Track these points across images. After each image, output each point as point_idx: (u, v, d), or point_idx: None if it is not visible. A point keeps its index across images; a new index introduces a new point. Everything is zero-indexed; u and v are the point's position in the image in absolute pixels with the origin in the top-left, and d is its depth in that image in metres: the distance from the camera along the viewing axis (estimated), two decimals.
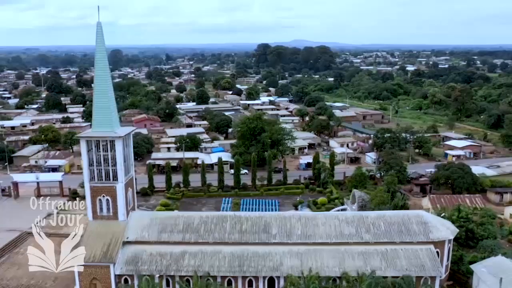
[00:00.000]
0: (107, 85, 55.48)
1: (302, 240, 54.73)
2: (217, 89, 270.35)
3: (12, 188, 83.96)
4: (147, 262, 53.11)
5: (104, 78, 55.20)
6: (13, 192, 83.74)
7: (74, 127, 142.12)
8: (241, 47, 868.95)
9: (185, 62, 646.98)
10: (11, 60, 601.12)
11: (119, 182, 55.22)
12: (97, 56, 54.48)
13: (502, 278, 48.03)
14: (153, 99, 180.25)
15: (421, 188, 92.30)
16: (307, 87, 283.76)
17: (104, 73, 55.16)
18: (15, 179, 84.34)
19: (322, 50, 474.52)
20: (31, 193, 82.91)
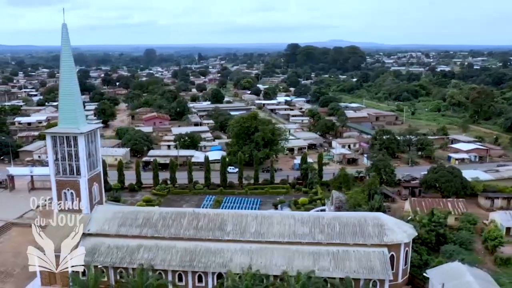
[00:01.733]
0: (73, 84, 57.94)
1: (255, 238, 55.51)
2: (238, 88, 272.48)
3: (8, 180, 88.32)
4: (104, 254, 55.22)
5: (70, 78, 57.75)
6: (9, 185, 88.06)
7: None
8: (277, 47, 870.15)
9: (217, 61, 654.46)
10: (50, 59, 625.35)
11: (82, 177, 57.67)
12: (63, 56, 57.14)
13: (444, 283, 47.29)
14: (168, 98, 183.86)
15: (410, 191, 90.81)
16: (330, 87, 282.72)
17: (69, 73, 57.70)
18: (10, 172, 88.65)
19: (351, 50, 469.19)
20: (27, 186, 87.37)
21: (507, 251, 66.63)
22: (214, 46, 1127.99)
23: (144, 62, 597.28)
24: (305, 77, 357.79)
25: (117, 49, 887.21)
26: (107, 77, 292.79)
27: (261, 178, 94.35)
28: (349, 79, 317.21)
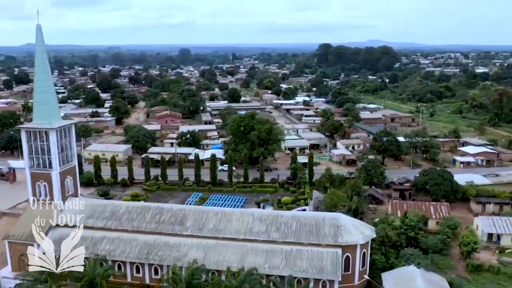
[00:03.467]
0: (47, 82, 60.46)
1: (212, 234, 56.65)
2: (260, 88, 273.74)
3: (10, 173, 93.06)
4: None
5: (44, 75, 60.22)
6: (10, 177, 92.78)
7: (100, 120, 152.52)
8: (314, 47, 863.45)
9: (250, 61, 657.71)
10: (88, 58, 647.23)
11: (54, 170, 60.33)
12: (37, 55, 59.75)
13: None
14: (185, 97, 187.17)
15: (401, 193, 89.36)
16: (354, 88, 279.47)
17: (43, 71, 60.17)
18: (11, 165, 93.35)
19: (384, 50, 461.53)
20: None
21: (484, 257, 64.99)
22: (252, 46, 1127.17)
23: (178, 61, 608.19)
24: (333, 77, 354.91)
25: (157, 49, 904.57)
26: (135, 76, 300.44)
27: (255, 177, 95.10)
28: (375, 80, 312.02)
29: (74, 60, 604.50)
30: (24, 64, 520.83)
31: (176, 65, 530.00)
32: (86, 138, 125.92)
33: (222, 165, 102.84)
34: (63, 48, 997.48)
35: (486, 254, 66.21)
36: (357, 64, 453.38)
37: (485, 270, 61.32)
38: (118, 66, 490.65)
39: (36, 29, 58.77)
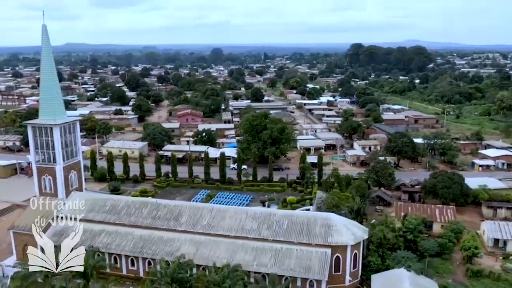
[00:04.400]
0: (52, 81, 63.05)
1: (205, 230, 57.65)
2: (286, 88, 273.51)
3: (29, 167, 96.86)
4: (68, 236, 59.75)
5: (49, 74, 62.83)
6: (29, 171, 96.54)
7: (122, 118, 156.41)
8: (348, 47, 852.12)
9: (283, 61, 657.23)
10: (123, 57, 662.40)
11: (58, 164, 62.82)
12: (43, 54, 62.38)
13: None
14: (208, 96, 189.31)
15: (410, 195, 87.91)
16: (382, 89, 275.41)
17: (49, 70, 62.79)
18: (30, 160, 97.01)
19: (416, 50, 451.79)
20: None
21: (487, 263, 63.30)
22: (287, 45, 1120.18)
23: (210, 61, 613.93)
24: (362, 77, 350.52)
25: (192, 48, 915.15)
26: (163, 75, 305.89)
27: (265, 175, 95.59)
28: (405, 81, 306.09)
29: (109, 59, 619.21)
30: (61, 63, 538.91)
31: (208, 64, 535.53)
32: (106, 135, 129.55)
33: (234, 164, 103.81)
34: (101, 47, 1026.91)
35: (489, 259, 64.48)
36: (389, 64, 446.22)
37: (485, 276, 59.62)
38: (150, 65, 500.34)
39: (41, 30, 61.11)
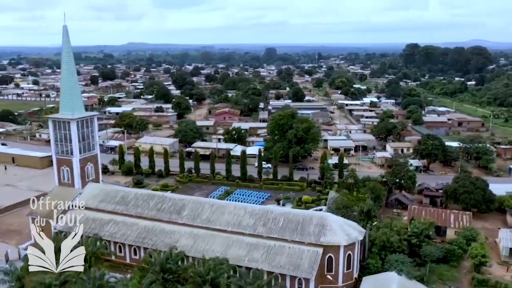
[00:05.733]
0: (71, 78, 67.22)
1: (204, 224, 59.38)
2: (332, 88, 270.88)
3: None
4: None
5: (69, 72, 66.97)
6: None
7: (162, 115, 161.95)
8: None
9: (337, 61, 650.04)
10: (179, 56, 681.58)
11: (74, 157, 66.92)
12: (63, 54, 66.55)
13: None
14: (249, 95, 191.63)
15: (432, 200, 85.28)
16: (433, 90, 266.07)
17: (69, 68, 66.87)
18: None
19: (475, 51, 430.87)
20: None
21: (497, 273, 60.57)
22: (343, 45, 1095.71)
23: (263, 60, 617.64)
24: (414, 78, 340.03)
25: (248, 48, 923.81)
26: (211, 74, 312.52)
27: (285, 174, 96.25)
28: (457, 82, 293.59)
29: (166, 59, 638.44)
30: (121, 62, 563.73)
31: (260, 64, 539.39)
32: (142, 131, 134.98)
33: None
34: (160, 47, 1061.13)
35: (500, 269, 61.66)
36: (446, 65, 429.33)
37: (491, 286, 57.06)
38: (203, 64, 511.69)
39: (62, 30, 65.20)
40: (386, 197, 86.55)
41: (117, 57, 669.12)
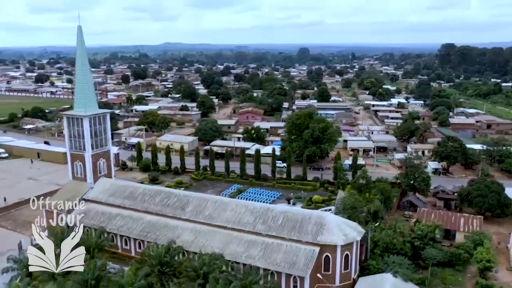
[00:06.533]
0: (85, 76, 69.71)
1: (206, 220, 60.53)
2: (361, 88, 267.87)
3: None
4: (90, 217, 66.06)
5: (83, 71, 69.49)
6: None
7: (186, 114, 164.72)
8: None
9: (371, 61, 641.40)
10: (213, 56, 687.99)
11: (87, 152, 69.44)
12: (78, 53, 69.18)
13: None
14: (274, 95, 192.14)
15: (446, 203, 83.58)
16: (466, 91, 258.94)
17: (83, 67, 69.43)
18: None
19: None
20: None
21: (505, 279, 58.99)
22: (379, 46, 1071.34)
23: (296, 60, 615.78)
24: (448, 79, 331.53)
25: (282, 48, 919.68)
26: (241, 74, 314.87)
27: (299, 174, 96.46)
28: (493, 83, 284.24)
29: (199, 58, 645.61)
30: (155, 62, 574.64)
31: (291, 64, 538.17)
32: (164, 129, 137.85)
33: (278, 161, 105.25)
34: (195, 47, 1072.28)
35: (509, 276, 59.97)
36: (483, 66, 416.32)
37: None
38: (235, 64, 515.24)
39: (77, 30, 67.84)
40: (399, 199, 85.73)
41: (152, 56, 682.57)
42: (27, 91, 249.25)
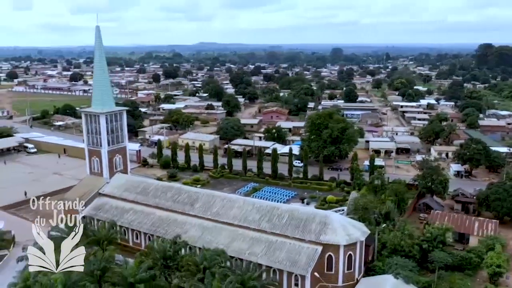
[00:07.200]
0: (103, 75, 72.25)
1: (213, 217, 61.59)
2: (391, 89, 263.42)
3: None
4: (104, 211, 68.58)
5: (100, 70, 72.06)
6: None
7: (211, 113, 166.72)
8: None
9: (405, 62, 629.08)
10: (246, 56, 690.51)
11: (103, 148, 71.81)
12: (95, 53, 71.77)
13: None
14: (301, 94, 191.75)
15: (464, 206, 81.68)
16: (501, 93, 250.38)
17: (100, 66, 71.92)
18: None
19: None
20: None
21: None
22: (416, 46, 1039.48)
23: (328, 60, 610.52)
24: (483, 80, 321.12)
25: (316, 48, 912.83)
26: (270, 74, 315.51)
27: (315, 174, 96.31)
28: None
29: (232, 58, 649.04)
30: (189, 61, 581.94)
31: (323, 64, 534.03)
32: (188, 127, 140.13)
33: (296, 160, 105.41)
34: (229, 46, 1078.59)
35: None
36: None
37: None
38: (266, 64, 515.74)
39: (95, 30, 70.16)
40: (415, 201, 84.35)
41: (185, 56, 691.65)
42: (61, 89, 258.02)
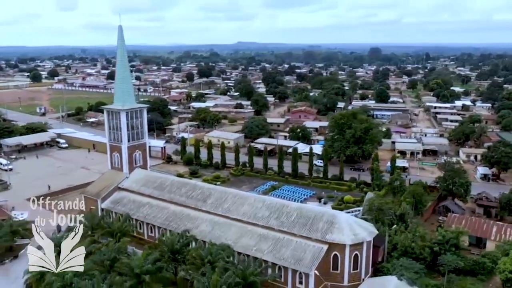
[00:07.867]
0: (124, 73, 74.88)
1: (224, 213, 62.77)
2: (426, 89, 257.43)
3: None
4: (122, 204, 71.04)
5: (122, 68, 74.64)
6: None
7: (239, 112, 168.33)
8: None
9: (446, 62, 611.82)
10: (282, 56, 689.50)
11: (123, 144, 74.31)
12: (118, 52, 74.31)
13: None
14: (331, 94, 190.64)
15: (486, 210, 79.47)
16: None
17: (122, 65, 74.57)
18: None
19: None
20: None
21: None
22: (459, 45, 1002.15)
23: (366, 60, 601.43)
24: None
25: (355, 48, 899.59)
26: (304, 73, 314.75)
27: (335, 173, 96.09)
28: None
29: (268, 58, 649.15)
30: (226, 60, 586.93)
31: (360, 64, 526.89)
32: (214, 125, 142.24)
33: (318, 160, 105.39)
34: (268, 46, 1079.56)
35: None
36: None
37: None
38: (302, 63, 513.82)
39: (118, 30, 72.77)
40: (435, 204, 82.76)
41: (223, 55, 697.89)
42: (97, 87, 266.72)
